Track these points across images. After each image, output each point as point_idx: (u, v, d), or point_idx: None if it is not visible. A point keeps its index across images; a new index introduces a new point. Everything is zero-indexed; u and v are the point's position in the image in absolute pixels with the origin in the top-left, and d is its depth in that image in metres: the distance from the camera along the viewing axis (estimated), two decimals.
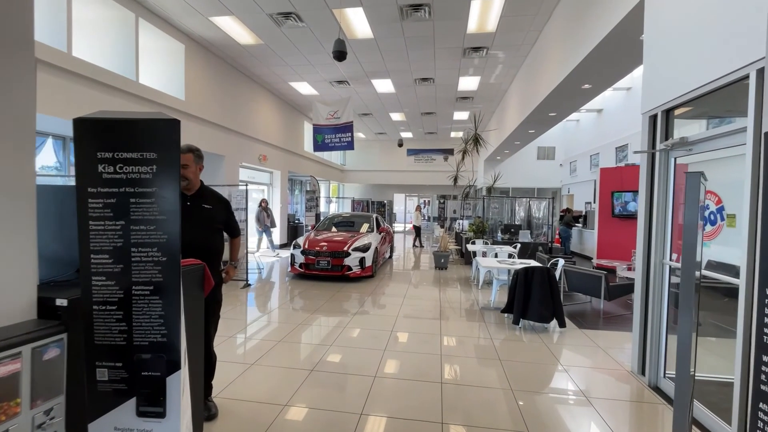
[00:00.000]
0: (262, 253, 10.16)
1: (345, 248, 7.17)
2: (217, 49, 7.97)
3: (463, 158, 8.53)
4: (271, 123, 11.16)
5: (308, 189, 12.57)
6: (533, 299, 4.56)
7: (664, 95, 3.06)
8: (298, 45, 7.73)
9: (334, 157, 18.28)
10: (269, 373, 3.30)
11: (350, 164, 19.85)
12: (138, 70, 6.31)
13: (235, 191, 9.14)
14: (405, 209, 21.16)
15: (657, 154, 3.18)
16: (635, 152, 3.26)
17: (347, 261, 7.08)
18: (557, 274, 5.14)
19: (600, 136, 12.14)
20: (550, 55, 6.48)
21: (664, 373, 3.14)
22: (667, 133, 3.13)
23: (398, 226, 21.37)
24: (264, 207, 9.89)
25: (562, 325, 4.54)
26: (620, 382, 3.30)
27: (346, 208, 20.21)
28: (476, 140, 7.77)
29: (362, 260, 7.19)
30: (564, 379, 3.31)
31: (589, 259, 10.79)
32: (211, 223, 2.67)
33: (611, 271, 8.51)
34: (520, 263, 5.45)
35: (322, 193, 18.79)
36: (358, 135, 18.01)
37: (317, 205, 13.83)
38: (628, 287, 5.42)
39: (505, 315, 4.99)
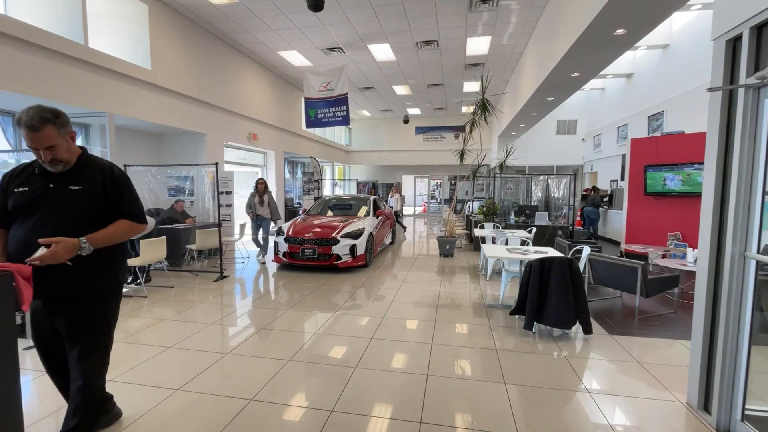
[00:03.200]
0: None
1: (333, 235, 6.30)
2: (187, 10, 7.04)
3: (470, 130, 7.46)
4: (263, 99, 10.25)
5: (305, 171, 11.71)
6: (550, 299, 3.61)
7: (754, 3, 2.00)
8: (276, 0, 6.71)
9: (337, 136, 17.31)
10: (192, 404, 2.50)
11: (356, 144, 18.86)
12: (86, 32, 5.46)
13: (220, 173, 8.37)
14: (414, 191, 20.14)
15: (739, 94, 2.13)
16: (709, 90, 2.20)
17: (336, 249, 6.23)
18: (581, 265, 4.15)
19: (629, 104, 10.76)
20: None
21: (743, 413, 2.19)
22: (758, 62, 2.07)
23: (407, 209, 20.41)
24: (262, 190, 7.24)
25: (587, 331, 3.59)
26: (672, 421, 2.36)
27: (353, 191, 19.33)
28: (484, 106, 6.66)
29: (353, 248, 6.33)
30: (592, 414, 2.39)
31: (616, 243, 9.65)
32: (77, 210, 1.83)
33: (643, 257, 7.41)
34: (535, 252, 4.47)
35: (327, 176, 17.95)
36: (363, 113, 16.95)
37: (319, 188, 13.00)
38: (669, 281, 4.39)
39: (516, 317, 4.06)
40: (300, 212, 8.96)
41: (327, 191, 17.32)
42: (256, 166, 10.90)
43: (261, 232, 7.35)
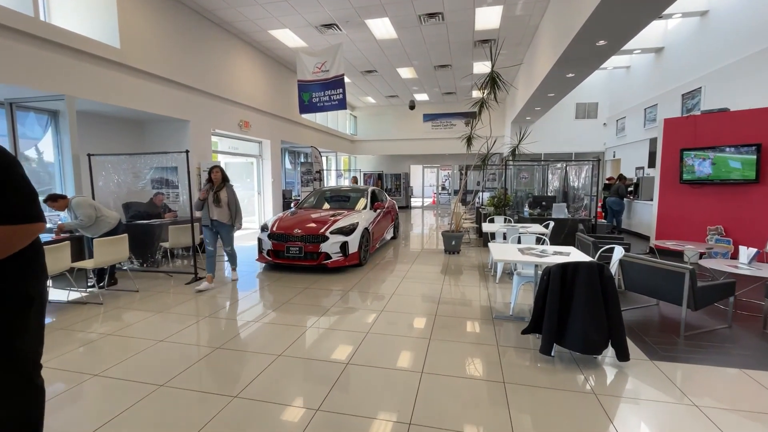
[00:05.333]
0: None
1: (322, 231, 5.59)
2: None
3: (480, 112, 6.60)
4: (255, 84, 9.54)
5: (303, 161, 11.01)
6: (575, 315, 2.83)
7: None
8: None
9: (341, 125, 16.54)
10: None
11: (361, 133, 18.05)
12: (37, 3, 4.80)
13: (206, 163, 7.74)
14: (423, 182, 19.28)
15: None
16: None
17: (324, 247, 5.53)
18: (612, 269, 3.34)
19: (659, 82, 9.68)
20: None
21: None
22: None
23: (415, 201, 19.60)
24: (217, 182, 4.91)
25: (622, 357, 2.80)
26: None
27: (359, 182, 18.57)
28: (493, 81, 5.78)
29: (344, 246, 5.61)
30: None
31: (643, 238, 8.71)
32: None
33: (676, 254, 6.51)
34: (553, 253, 3.67)
35: (333, 166, 17.24)
36: (367, 99, 16.12)
37: (319, 179, 12.32)
38: (724, 289, 3.54)
39: (533, 335, 3.29)
40: (292, 205, 8.28)
41: (332, 183, 16.64)
42: (250, 156, 10.25)
43: (221, 238, 5.11)
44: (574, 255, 3.60)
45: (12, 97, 5.22)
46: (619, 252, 3.50)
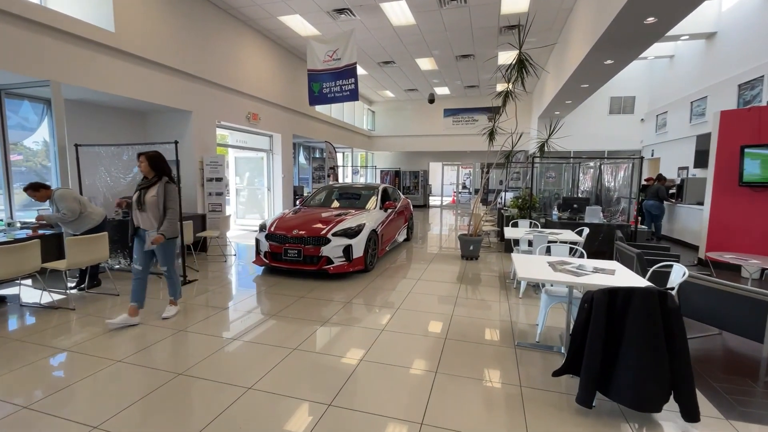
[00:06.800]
0: (237, 235, 8.36)
1: (323, 233, 5.04)
2: None
3: (504, 102, 5.88)
4: (266, 74, 9.09)
5: (315, 156, 10.52)
6: (625, 358, 2.15)
7: None
8: None
9: (358, 120, 15.99)
10: None
11: (379, 129, 17.46)
12: None
13: (209, 157, 7.35)
14: (442, 180, 18.52)
15: None
16: None
17: (326, 251, 4.97)
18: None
19: (710, 71, 8.63)
20: None
21: None
22: None
23: (434, 200, 18.86)
24: (147, 174, 3.54)
25: (690, 416, 2.10)
26: None
27: (376, 180, 18.00)
28: (521, 65, 5.04)
29: (348, 249, 5.04)
30: None
31: (686, 246, 7.76)
32: None
33: (732, 267, 5.62)
34: (593, 269, 2.97)
35: (349, 162, 16.74)
36: (386, 93, 15.49)
37: (335, 176, 11.82)
38: None
39: (568, 376, 2.62)
40: (297, 203, 7.78)
41: (348, 180, 16.13)
42: (260, 150, 9.83)
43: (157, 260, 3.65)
44: (621, 273, 2.89)
45: None
46: (679, 272, 2.76)
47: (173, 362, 2.80)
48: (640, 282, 2.67)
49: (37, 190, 4.23)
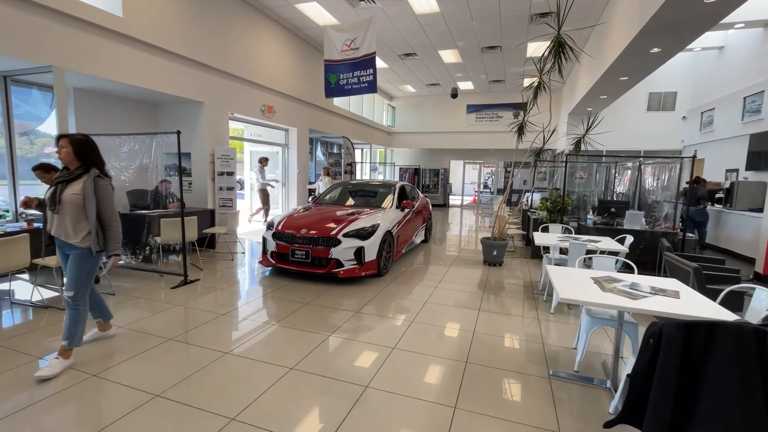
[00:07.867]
0: (250, 231, 8.06)
1: (333, 233, 4.64)
2: None
3: (535, 94, 5.32)
4: (281, 65, 8.77)
5: (332, 152, 10.16)
6: (707, 409, 1.64)
7: None
8: None
9: (378, 116, 15.56)
10: None
11: (399, 125, 16.97)
12: None
13: (220, 150, 7.08)
14: (463, 179, 17.88)
15: None
16: None
17: (335, 253, 4.57)
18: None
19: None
20: None
21: None
22: None
23: (454, 199, 18.25)
24: (64, 162, 2.67)
25: None
26: None
27: (394, 178, 17.54)
28: (559, 47, 4.46)
29: (359, 252, 4.63)
30: None
31: (735, 256, 6.98)
32: None
33: None
34: (651, 290, 2.44)
35: (367, 159, 16.34)
36: (407, 88, 14.99)
37: (351, 173, 11.46)
38: None
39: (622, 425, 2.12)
40: (309, 200, 7.42)
41: (366, 177, 15.75)
42: (275, 144, 9.54)
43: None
44: (687, 296, 2.35)
45: (1, 69, 4.72)
46: (764, 299, 2.20)
47: (147, 383, 2.46)
48: (715, 309, 2.14)
49: (48, 171, 4.01)
